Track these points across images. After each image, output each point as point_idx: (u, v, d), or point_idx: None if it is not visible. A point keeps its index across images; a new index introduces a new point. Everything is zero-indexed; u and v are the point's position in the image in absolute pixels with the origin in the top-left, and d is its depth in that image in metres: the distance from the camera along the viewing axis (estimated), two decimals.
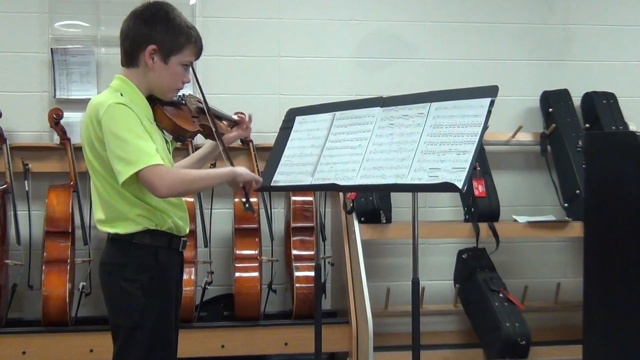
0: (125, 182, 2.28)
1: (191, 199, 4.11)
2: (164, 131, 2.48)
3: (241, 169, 2.48)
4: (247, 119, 2.73)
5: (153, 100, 2.46)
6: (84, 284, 4.07)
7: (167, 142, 2.49)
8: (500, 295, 4.14)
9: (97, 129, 2.31)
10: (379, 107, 2.65)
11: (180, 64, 2.43)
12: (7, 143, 4.16)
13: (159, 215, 2.38)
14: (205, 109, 2.56)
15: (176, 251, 2.47)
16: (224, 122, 2.70)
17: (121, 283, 2.36)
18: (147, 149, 2.28)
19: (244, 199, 2.49)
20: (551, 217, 4.42)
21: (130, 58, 2.42)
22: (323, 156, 2.69)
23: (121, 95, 2.35)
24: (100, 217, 2.40)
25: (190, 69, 2.50)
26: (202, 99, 2.58)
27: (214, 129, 2.54)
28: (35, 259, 4.18)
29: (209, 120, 2.55)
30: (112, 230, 2.38)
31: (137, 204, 2.35)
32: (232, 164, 2.51)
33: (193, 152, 2.84)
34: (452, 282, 4.42)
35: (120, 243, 2.38)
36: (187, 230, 2.52)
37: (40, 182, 4.25)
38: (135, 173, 2.26)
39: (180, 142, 2.62)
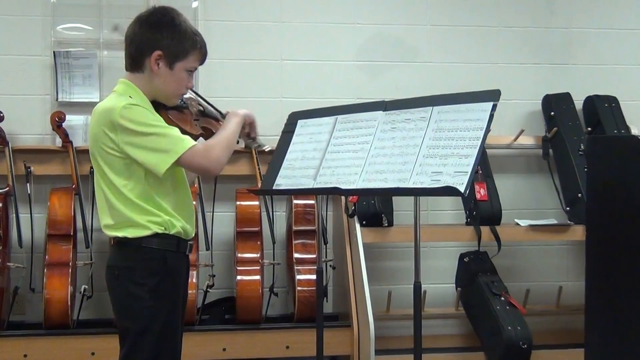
0: (164, 173, 2.31)
1: (193, 202, 4.11)
2: None
3: (242, 111, 2.56)
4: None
5: (157, 105, 2.47)
6: (86, 286, 4.07)
7: None
8: (502, 298, 4.13)
9: (111, 133, 2.32)
10: (381, 111, 2.65)
11: (185, 70, 2.45)
12: (10, 146, 4.16)
13: (168, 219, 2.39)
14: (204, 109, 2.60)
15: (183, 254, 2.48)
16: (220, 123, 2.73)
17: (129, 286, 2.37)
18: (177, 135, 2.34)
19: (251, 138, 2.62)
20: (553, 221, 4.42)
21: (135, 63, 2.43)
22: (325, 160, 2.70)
23: (130, 97, 2.37)
24: (107, 223, 2.41)
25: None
26: (201, 99, 2.61)
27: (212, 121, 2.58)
28: (37, 262, 4.18)
29: (208, 122, 2.58)
30: (120, 235, 2.39)
31: (146, 209, 2.36)
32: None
33: None
34: (454, 285, 4.42)
35: (128, 246, 2.39)
36: (194, 234, 2.53)
37: (42, 185, 4.26)
38: (175, 161, 2.29)
39: None
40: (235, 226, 4.20)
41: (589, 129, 4.58)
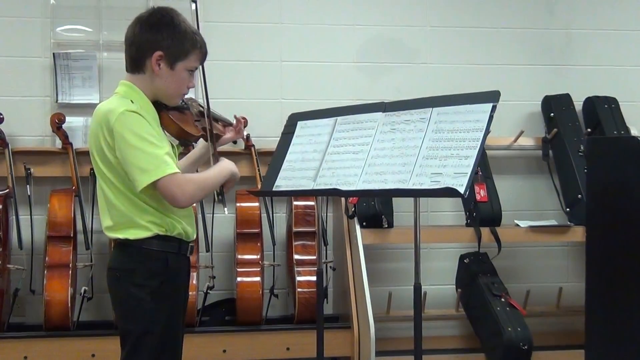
0: (142, 190, 2.29)
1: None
2: (170, 136, 2.50)
3: (234, 167, 2.55)
4: (241, 121, 2.76)
5: (159, 105, 2.47)
6: (86, 288, 4.07)
7: (172, 147, 2.50)
8: (502, 300, 4.13)
9: (108, 136, 2.32)
10: (380, 112, 2.65)
11: (186, 70, 2.45)
12: (9, 147, 4.16)
13: (169, 221, 2.39)
14: (206, 112, 2.59)
15: (184, 256, 2.48)
16: (220, 124, 2.73)
17: (130, 288, 2.37)
18: (163, 157, 2.30)
19: (221, 193, 2.59)
20: (553, 222, 4.41)
21: (136, 64, 2.43)
22: (325, 161, 2.70)
23: (131, 102, 2.36)
24: (108, 224, 2.40)
25: (200, 70, 2.52)
26: (204, 101, 2.60)
27: (208, 133, 2.57)
28: (37, 264, 4.18)
29: (209, 123, 2.57)
30: (121, 236, 2.39)
31: (147, 210, 2.36)
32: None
33: None
34: (454, 286, 4.42)
35: (129, 248, 2.38)
36: (195, 236, 2.53)
37: (42, 187, 4.26)
38: (152, 182, 2.27)
39: (185, 146, 2.64)
40: (235, 228, 4.20)
41: (589, 130, 4.58)
